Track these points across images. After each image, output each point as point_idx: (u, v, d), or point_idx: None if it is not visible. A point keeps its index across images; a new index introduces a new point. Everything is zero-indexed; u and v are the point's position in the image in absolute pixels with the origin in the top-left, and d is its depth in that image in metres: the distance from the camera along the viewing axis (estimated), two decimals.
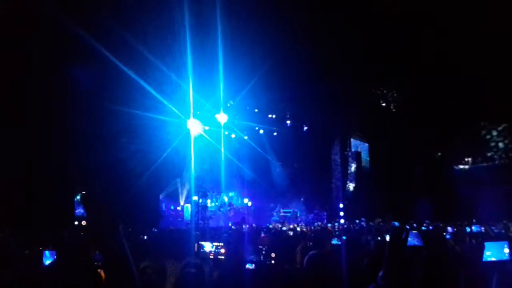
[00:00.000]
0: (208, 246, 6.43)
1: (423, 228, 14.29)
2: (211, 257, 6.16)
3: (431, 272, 3.08)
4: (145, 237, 7.35)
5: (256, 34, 15.54)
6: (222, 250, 6.34)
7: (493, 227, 12.63)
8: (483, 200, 19.44)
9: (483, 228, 12.40)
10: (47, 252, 4.18)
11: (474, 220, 15.10)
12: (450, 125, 24.25)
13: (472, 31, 17.93)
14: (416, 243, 4.40)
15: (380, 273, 4.31)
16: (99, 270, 3.27)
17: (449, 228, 12.80)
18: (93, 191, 1.76)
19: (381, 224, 18.48)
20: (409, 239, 3.80)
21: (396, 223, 16.67)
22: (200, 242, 6.45)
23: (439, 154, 28.72)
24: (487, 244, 4.07)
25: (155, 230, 8.38)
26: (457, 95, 22.41)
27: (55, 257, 4.03)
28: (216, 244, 6.46)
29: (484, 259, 3.94)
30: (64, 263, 3.47)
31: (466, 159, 27.35)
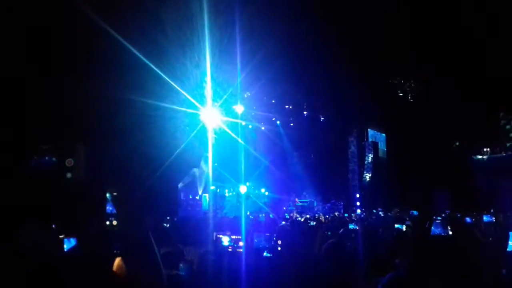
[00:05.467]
0: (225, 240, 6.42)
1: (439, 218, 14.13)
2: (229, 250, 6.17)
3: (456, 261, 3.09)
4: (167, 225, 7.44)
5: (274, 25, 15.52)
6: (240, 243, 6.35)
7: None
8: (501, 191, 19.20)
9: (493, 218, 12.23)
10: (72, 240, 4.24)
11: (492, 210, 14.92)
12: (468, 115, 23.96)
13: (492, 21, 17.65)
14: (441, 232, 4.35)
15: (397, 261, 4.33)
16: (117, 258, 3.31)
17: (467, 219, 12.67)
18: (121, 187, 1.82)
19: (398, 214, 18.39)
20: (432, 228, 3.81)
21: (415, 212, 16.60)
22: (217, 235, 6.45)
23: (457, 144, 28.42)
24: None
25: (175, 219, 8.48)
26: (476, 85, 22.13)
27: (76, 244, 4.08)
28: (234, 237, 6.45)
29: (510, 249, 3.92)
30: (84, 250, 3.53)
31: (484, 149, 27.02)
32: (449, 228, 4.44)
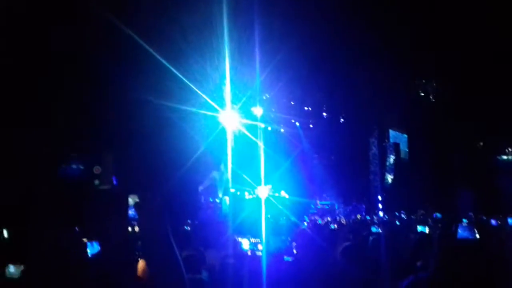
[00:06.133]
0: (245, 243, 6.43)
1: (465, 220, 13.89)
2: (249, 253, 6.19)
3: (483, 266, 3.02)
4: (188, 228, 7.51)
5: (293, 27, 15.49)
6: (260, 247, 6.36)
7: None
8: None
9: None
10: (95, 244, 4.30)
11: None
12: (492, 114, 23.48)
13: None
14: (468, 236, 4.24)
15: (418, 264, 4.24)
16: (140, 261, 3.35)
17: (493, 221, 12.43)
18: (143, 191, 1.84)
19: (421, 217, 18.14)
20: (459, 231, 3.73)
21: (439, 215, 16.39)
22: (237, 239, 6.47)
23: (481, 143, 27.89)
24: None
25: (196, 222, 8.54)
26: (500, 83, 21.70)
27: (99, 248, 4.15)
28: (253, 240, 6.47)
29: None
30: (108, 254, 3.58)
31: (509, 149, 26.47)
32: (475, 231, 4.33)
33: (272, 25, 14.10)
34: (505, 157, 26.54)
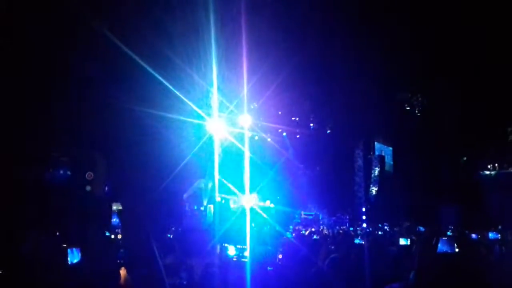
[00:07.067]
0: (231, 250, 6.42)
1: (449, 233, 14.02)
2: (234, 259, 6.18)
3: (463, 280, 3.06)
4: (171, 236, 7.44)
5: (280, 36, 15.58)
6: (245, 253, 6.35)
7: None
8: (510, 207, 19.03)
9: (499, 235, 12.19)
10: (75, 251, 4.23)
11: (499, 227, 14.78)
12: (476, 129, 23.79)
13: (500, 33, 17.61)
14: (447, 250, 4.28)
15: (399, 275, 4.27)
16: (121, 269, 3.34)
17: (473, 235, 12.56)
18: (127, 198, 1.87)
19: (406, 229, 18.26)
20: (439, 245, 3.76)
21: (421, 228, 16.51)
22: (223, 245, 6.45)
23: (465, 159, 28.22)
24: None
25: (179, 229, 8.49)
26: (484, 99, 22.03)
27: (79, 255, 4.08)
28: (239, 246, 6.46)
29: None
30: (89, 261, 3.55)
31: (492, 165, 26.80)
32: (455, 245, 4.37)
33: (260, 34, 14.16)
34: (488, 172, 26.88)
